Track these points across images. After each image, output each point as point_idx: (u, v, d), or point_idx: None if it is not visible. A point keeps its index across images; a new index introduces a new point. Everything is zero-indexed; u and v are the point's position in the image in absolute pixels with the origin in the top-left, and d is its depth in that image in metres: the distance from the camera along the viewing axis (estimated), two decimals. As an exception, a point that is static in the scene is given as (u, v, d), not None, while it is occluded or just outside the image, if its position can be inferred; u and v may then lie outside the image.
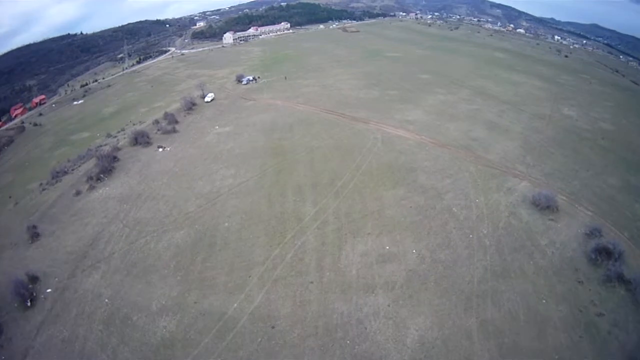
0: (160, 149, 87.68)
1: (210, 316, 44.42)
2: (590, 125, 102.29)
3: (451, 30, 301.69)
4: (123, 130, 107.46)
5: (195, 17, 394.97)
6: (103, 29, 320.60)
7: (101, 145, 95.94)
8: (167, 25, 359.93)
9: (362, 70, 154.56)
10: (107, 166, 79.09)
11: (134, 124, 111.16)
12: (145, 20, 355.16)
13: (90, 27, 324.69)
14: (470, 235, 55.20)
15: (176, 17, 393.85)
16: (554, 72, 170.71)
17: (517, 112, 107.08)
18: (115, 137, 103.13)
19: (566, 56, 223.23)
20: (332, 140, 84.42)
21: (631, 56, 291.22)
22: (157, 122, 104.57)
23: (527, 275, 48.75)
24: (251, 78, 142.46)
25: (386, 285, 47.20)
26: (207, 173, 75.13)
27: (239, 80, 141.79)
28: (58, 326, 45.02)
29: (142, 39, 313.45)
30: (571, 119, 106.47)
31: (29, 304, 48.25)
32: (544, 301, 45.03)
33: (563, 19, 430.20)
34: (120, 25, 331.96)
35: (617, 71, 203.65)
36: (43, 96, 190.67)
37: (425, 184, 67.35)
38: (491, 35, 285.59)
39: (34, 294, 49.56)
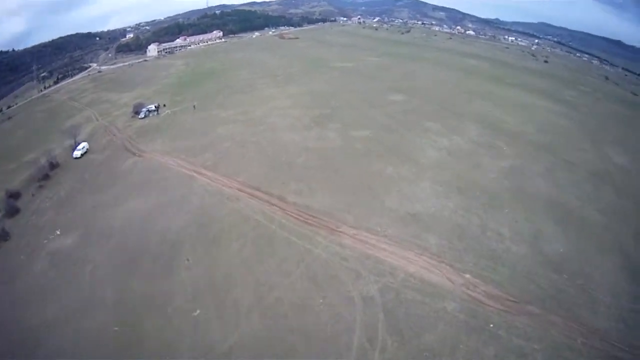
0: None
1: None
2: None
3: (402, 33, 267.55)
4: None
5: (128, 29, 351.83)
6: (34, 44, 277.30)
7: None
8: (97, 39, 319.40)
9: (308, 90, 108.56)
10: None
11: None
12: (76, 34, 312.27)
13: (33, 42, 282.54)
14: None
15: (112, 29, 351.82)
16: (550, 85, 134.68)
17: (568, 169, 66.54)
18: None
19: (545, 61, 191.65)
20: (265, 319, 37.26)
21: (587, 53, 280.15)
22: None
23: None
24: (153, 108, 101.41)
25: None
26: None
27: (137, 111, 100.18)
28: None
29: (68, 54, 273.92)
30: (628, 173, 69.45)
31: None
32: None
33: (508, 19, 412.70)
34: (50, 40, 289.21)
35: (607, 78, 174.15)
36: None
37: None
38: (450, 39, 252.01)
39: None
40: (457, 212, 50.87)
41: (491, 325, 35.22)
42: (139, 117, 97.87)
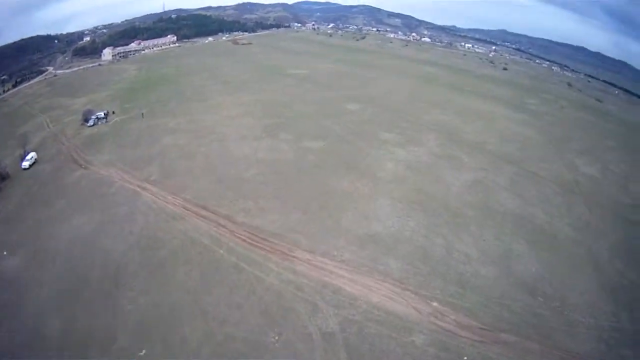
0: None
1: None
2: (629, 197, 65.84)
3: (357, 40, 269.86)
4: None
5: (85, 32, 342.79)
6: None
7: None
8: (56, 41, 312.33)
9: (260, 98, 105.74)
10: None
11: None
12: (37, 36, 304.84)
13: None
14: None
15: (71, 31, 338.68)
16: (511, 92, 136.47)
17: (534, 181, 66.18)
18: None
19: (505, 69, 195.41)
20: (216, 359, 34.07)
21: (547, 60, 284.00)
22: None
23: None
24: (102, 115, 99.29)
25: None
26: None
27: (86, 119, 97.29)
28: None
29: (28, 57, 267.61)
30: (598, 183, 70.10)
31: None
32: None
33: (465, 27, 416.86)
34: (12, 41, 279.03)
35: (570, 85, 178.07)
36: None
37: None
38: (406, 46, 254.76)
39: None
40: (420, 232, 48.65)
41: (465, 358, 33.22)
42: (88, 124, 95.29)
